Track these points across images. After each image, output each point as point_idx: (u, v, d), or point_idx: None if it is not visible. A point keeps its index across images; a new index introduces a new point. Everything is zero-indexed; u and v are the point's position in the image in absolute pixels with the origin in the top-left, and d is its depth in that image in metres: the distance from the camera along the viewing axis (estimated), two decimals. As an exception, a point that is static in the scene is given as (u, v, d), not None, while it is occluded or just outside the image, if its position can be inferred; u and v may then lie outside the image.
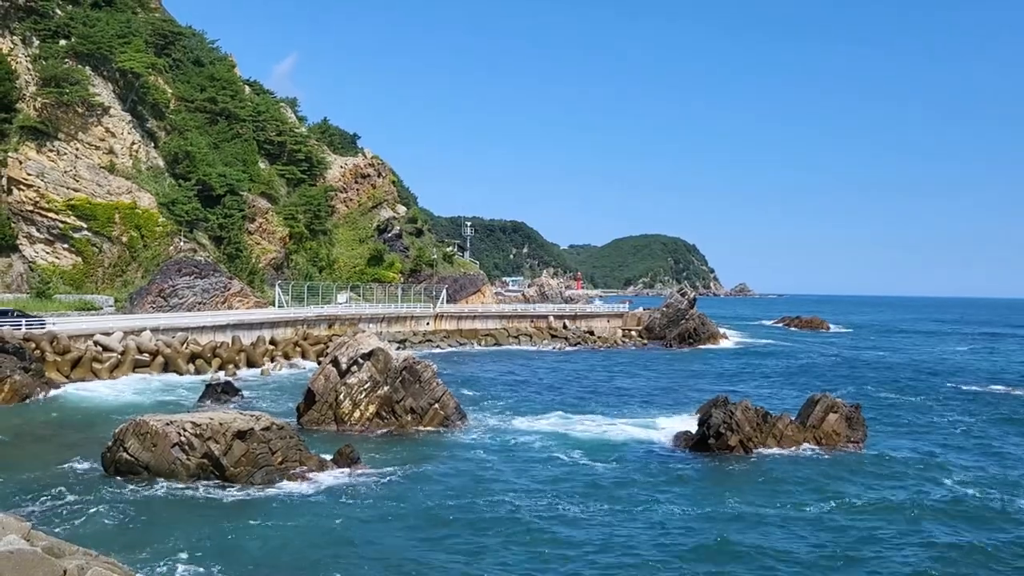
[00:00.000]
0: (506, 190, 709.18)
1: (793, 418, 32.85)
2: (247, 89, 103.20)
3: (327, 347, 50.55)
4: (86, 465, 25.21)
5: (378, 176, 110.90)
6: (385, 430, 33.04)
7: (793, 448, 30.75)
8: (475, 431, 33.77)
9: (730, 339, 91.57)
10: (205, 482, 23.02)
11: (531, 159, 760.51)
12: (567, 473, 26.93)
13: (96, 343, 47.40)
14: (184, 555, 17.86)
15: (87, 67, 70.99)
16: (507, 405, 41.52)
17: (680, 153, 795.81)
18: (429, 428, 33.58)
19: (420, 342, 75.56)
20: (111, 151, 70.08)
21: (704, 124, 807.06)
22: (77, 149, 67.89)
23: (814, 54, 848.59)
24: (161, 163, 76.10)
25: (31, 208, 64.41)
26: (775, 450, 30.35)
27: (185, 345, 51.61)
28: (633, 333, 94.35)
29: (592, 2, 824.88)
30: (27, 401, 36.11)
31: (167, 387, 43.68)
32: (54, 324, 48.24)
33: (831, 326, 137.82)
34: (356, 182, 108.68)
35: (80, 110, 68.55)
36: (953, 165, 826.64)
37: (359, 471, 25.55)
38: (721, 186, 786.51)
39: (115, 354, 47.23)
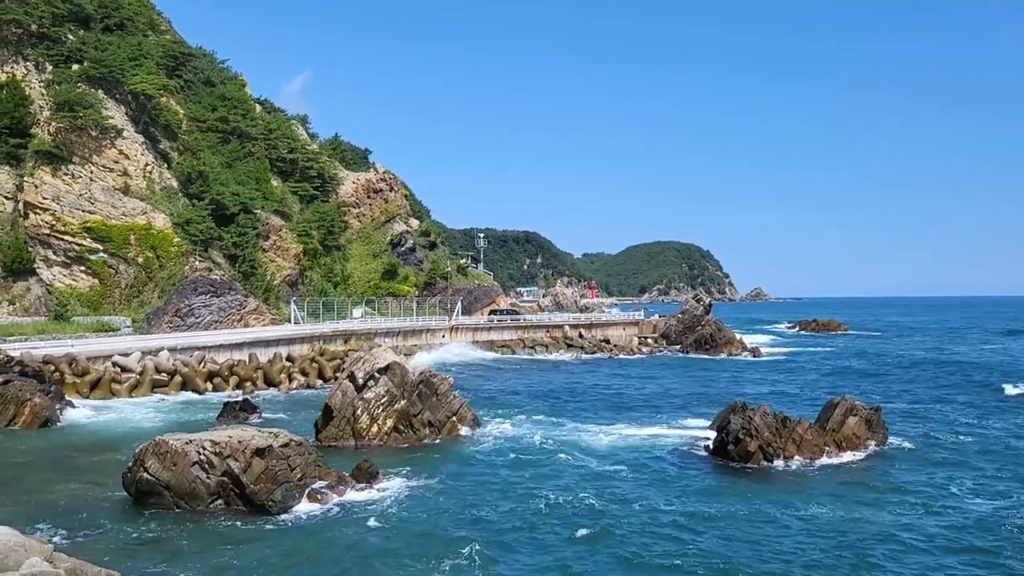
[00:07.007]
0: (518, 200, 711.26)
1: (812, 422, 32.63)
2: (258, 108, 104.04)
3: (343, 362, 50.73)
4: (107, 486, 25.28)
5: (390, 190, 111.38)
6: (403, 444, 33.05)
7: (813, 452, 30.54)
8: (493, 442, 33.68)
9: (747, 344, 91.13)
10: (225, 501, 23.06)
11: (543, 169, 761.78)
12: (588, 483, 26.81)
13: (114, 364, 47.70)
14: None
15: (100, 90, 71.74)
16: (524, 415, 41.41)
17: (692, 157, 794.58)
18: (447, 441, 33.53)
19: (436, 355, 75.52)
20: (125, 173, 70.69)
21: (715, 128, 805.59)
22: (92, 172, 68.54)
23: (824, 52, 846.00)
24: (175, 183, 76.69)
25: (48, 232, 65.07)
26: (795, 455, 30.15)
27: (203, 364, 51.84)
28: (650, 340, 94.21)
29: (600, 10, 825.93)
30: (47, 423, 36.33)
31: (185, 406, 43.86)
32: (72, 346, 48.62)
33: (848, 328, 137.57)
34: (369, 197, 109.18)
35: (94, 133, 69.24)
36: (974, 160, 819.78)
37: (378, 486, 25.55)
38: (734, 190, 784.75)
39: (134, 374, 47.51)
